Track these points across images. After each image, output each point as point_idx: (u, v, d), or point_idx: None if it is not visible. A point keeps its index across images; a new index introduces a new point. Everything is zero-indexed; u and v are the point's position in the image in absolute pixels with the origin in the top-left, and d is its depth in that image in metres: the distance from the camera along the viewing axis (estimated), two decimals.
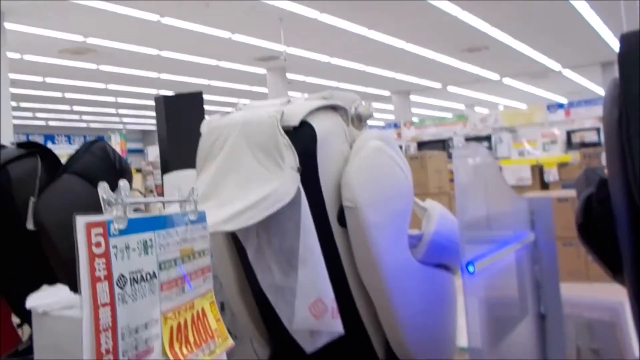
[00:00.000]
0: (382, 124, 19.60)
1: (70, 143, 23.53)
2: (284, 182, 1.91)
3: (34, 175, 2.95)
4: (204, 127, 2.19)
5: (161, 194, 8.47)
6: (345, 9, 9.60)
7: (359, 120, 2.24)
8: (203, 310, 1.04)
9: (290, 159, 1.94)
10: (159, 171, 8.68)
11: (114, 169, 3.08)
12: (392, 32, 11.45)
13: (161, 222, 0.98)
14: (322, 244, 1.94)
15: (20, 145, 3.06)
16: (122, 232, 0.88)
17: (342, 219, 2.05)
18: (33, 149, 3.01)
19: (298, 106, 2.07)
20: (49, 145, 19.99)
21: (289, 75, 14.36)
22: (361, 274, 2.04)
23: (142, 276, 0.87)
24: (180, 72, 14.33)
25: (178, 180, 2.57)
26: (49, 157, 3.06)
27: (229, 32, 10.83)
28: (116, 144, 14.54)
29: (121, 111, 20.24)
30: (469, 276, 1.45)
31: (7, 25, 9.42)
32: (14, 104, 9.92)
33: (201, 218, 1.10)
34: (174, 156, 2.79)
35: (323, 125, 2.04)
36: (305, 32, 10.83)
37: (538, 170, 8.92)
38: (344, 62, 13.86)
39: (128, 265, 0.86)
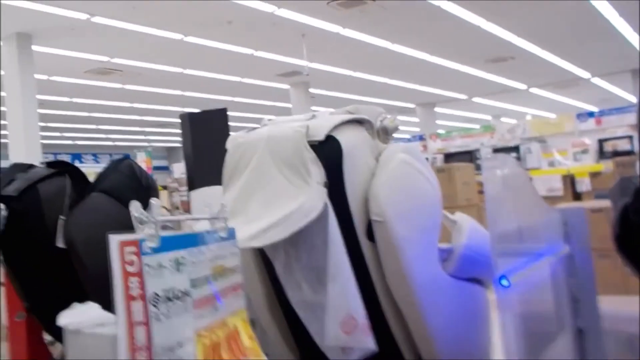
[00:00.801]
0: (407, 136, 19.55)
1: (97, 161, 23.84)
2: (311, 198, 1.89)
3: (63, 194, 2.98)
4: (230, 144, 2.19)
5: (187, 210, 8.53)
6: (367, 23, 9.62)
7: (385, 134, 2.22)
8: (236, 328, 1.03)
9: (317, 173, 1.93)
10: (184, 188, 8.75)
11: (141, 187, 3.09)
12: (416, 45, 11.43)
13: (193, 240, 0.97)
14: (350, 259, 1.92)
15: (49, 164, 3.10)
16: (155, 251, 0.87)
17: (370, 233, 2.03)
18: (62, 168, 3.05)
19: (323, 121, 2.06)
20: (77, 163, 20.23)
21: (312, 90, 14.40)
22: (392, 288, 2.01)
23: (175, 294, 0.86)
24: (204, 90, 14.45)
25: (205, 197, 2.56)
26: (78, 176, 3.09)
27: (251, 49, 10.90)
28: (142, 161, 14.68)
29: (146, 129, 20.45)
30: (503, 290, 1.42)
31: (35, 48, 9.59)
32: (42, 124, 10.06)
33: (231, 235, 1.09)
34: (200, 173, 2.79)
35: (349, 139, 2.03)
36: (328, 47, 10.86)
37: (569, 181, 8.76)
38: (367, 75, 13.86)
39: (161, 284, 0.85)
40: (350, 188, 2.00)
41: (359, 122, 2.12)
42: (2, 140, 10.53)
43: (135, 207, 0.91)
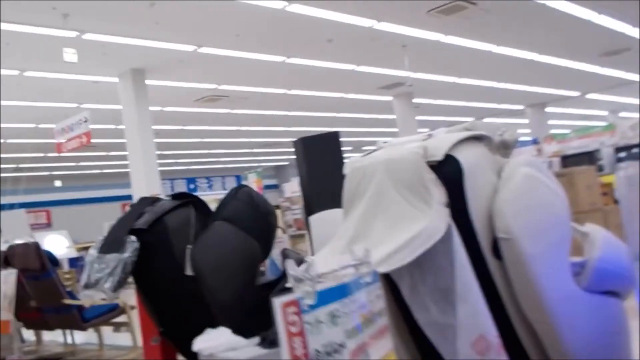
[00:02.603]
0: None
1: (209, 184, 24.76)
2: (434, 219, 1.87)
3: (188, 224, 3.12)
4: (348, 168, 2.21)
5: (300, 228, 8.67)
6: (469, 28, 9.44)
7: (505, 148, 2.17)
8: None
9: (438, 194, 1.91)
10: (296, 206, 8.91)
11: (259, 212, 3.18)
12: (522, 45, 11.09)
13: (344, 291, 0.98)
14: (478, 278, 1.88)
15: (174, 196, 3.25)
16: (312, 307, 0.89)
17: (496, 251, 1.98)
18: (186, 200, 3.19)
19: (440, 140, 2.04)
20: (191, 187, 21.07)
21: (416, 100, 14.29)
22: (523, 307, 1.95)
23: (333, 348, 0.88)
24: (307, 108, 14.69)
25: (324, 222, 2.60)
26: (200, 206, 3.23)
27: (353, 64, 10.98)
28: (253, 182, 15.07)
29: (254, 150, 21.01)
30: None
31: (149, 82, 10.12)
32: (158, 152, 10.59)
33: (375, 279, 1.09)
34: (317, 197, 2.83)
35: (468, 157, 1.99)
36: (430, 55, 10.75)
37: None
38: (472, 80, 13.58)
39: (320, 339, 0.87)
40: (473, 206, 1.96)
41: (477, 138, 2.08)
42: (125, 170, 11.14)
43: (291, 265, 0.92)
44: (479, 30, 9.68)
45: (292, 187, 9.07)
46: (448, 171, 1.96)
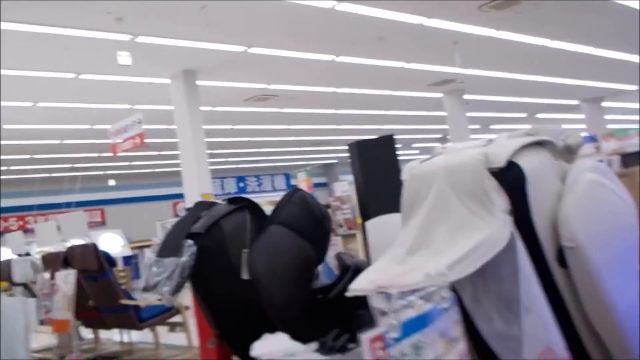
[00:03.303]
0: None
1: (259, 183, 24.96)
2: (497, 228, 1.83)
3: (244, 228, 3.14)
4: (406, 175, 2.17)
5: (351, 227, 8.64)
6: (522, 23, 9.25)
7: (569, 153, 2.10)
8: None
9: (500, 202, 1.87)
10: (346, 206, 8.88)
11: (314, 216, 3.18)
12: (578, 39, 10.81)
13: (425, 320, 0.96)
14: (543, 287, 1.83)
15: (230, 200, 3.28)
16: (396, 340, 0.87)
17: (562, 260, 1.92)
18: (241, 204, 3.21)
19: (502, 146, 1.99)
20: (240, 185, 21.26)
21: (466, 96, 14.09)
22: (592, 319, 1.88)
23: None
24: (357, 106, 14.65)
25: (382, 227, 2.58)
26: (256, 210, 3.24)
27: (402, 62, 10.89)
28: (302, 180, 15.11)
29: (303, 148, 21.09)
30: None
31: (200, 82, 10.25)
32: (209, 151, 10.72)
33: (453, 303, 1.07)
34: (372, 201, 2.80)
35: (531, 163, 1.94)
36: (481, 51, 10.58)
37: None
38: (525, 76, 13.30)
39: None
40: (537, 214, 1.91)
41: (539, 143, 2.02)
42: (177, 169, 11.32)
43: (377, 298, 0.91)
44: (532, 25, 9.47)
45: (342, 187, 9.05)
46: (510, 178, 1.91)
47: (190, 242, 3.03)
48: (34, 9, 6.73)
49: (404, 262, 1.96)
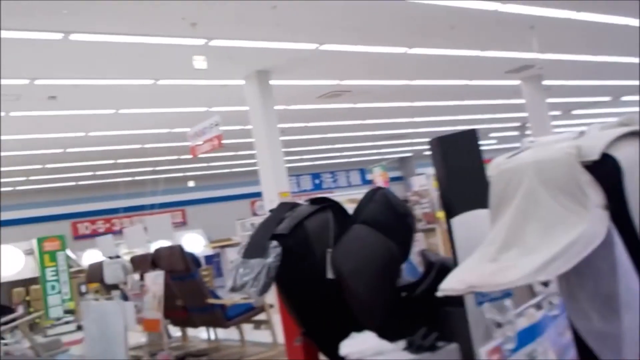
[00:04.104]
0: None
1: (334, 179, 25.04)
2: (592, 223, 1.76)
3: (327, 228, 3.16)
4: (493, 171, 2.12)
5: (430, 222, 8.56)
6: (605, 3, 8.87)
7: None
8: None
9: (595, 197, 1.80)
10: (425, 200, 8.80)
11: (397, 214, 3.16)
12: None
13: (538, 329, 0.94)
14: None
15: (312, 201, 3.30)
16: (513, 351, 0.86)
17: None
18: (324, 204, 3.23)
19: (595, 138, 1.91)
20: (316, 182, 21.41)
21: (546, 82, 13.66)
22: None
23: None
24: (431, 98, 14.47)
25: (468, 224, 2.53)
26: (338, 209, 3.25)
27: (477, 50, 10.67)
28: (378, 175, 15.06)
29: (378, 142, 21.01)
30: None
31: (272, 82, 10.37)
32: (284, 149, 10.84)
33: (562, 310, 1.04)
34: (456, 197, 2.75)
35: (628, 155, 1.85)
36: (560, 34, 10.22)
37: None
38: (609, 57, 12.73)
39: None
40: (635, 208, 1.83)
41: (635, 133, 1.93)
42: (254, 168, 11.50)
43: (489, 309, 0.89)
44: (616, 3, 9.07)
45: (420, 181, 8.96)
46: (605, 171, 1.83)
47: (275, 243, 3.07)
48: (111, 20, 6.98)
49: (495, 260, 1.91)
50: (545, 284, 1.70)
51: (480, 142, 2.87)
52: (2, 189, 18.03)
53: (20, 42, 7.21)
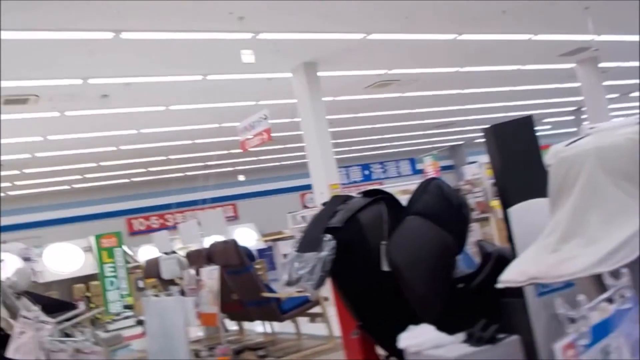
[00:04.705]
0: None
1: (383, 169, 24.90)
2: None
3: (381, 220, 3.14)
4: (552, 159, 2.07)
5: (484, 211, 8.43)
6: None
7: None
8: None
9: None
10: (478, 189, 8.66)
11: (452, 205, 3.11)
12: None
13: (611, 324, 0.91)
14: None
15: (365, 193, 3.29)
16: (587, 347, 0.82)
17: None
18: (377, 196, 3.21)
19: None
20: (365, 173, 21.31)
21: (602, 64, 13.24)
22: None
23: None
24: (481, 85, 14.20)
25: (526, 213, 2.47)
26: (391, 201, 3.22)
27: (529, 34, 10.39)
28: (429, 165, 14.92)
29: (427, 131, 20.76)
30: None
31: (320, 74, 10.34)
32: (333, 141, 10.79)
33: (635, 302, 1.00)
34: (512, 186, 2.69)
35: None
36: (617, 14, 9.86)
37: None
38: None
39: None
40: None
41: None
42: (303, 161, 11.51)
43: (561, 304, 0.86)
44: None
45: (473, 170, 8.82)
46: None
47: (329, 236, 3.06)
48: (160, 17, 7.07)
49: (557, 251, 1.87)
50: (616, 276, 1.64)
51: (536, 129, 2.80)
52: (60, 188, 18.60)
53: (73, 43, 7.38)
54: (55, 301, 7.22)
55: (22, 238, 14.08)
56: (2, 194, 18.05)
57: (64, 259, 10.67)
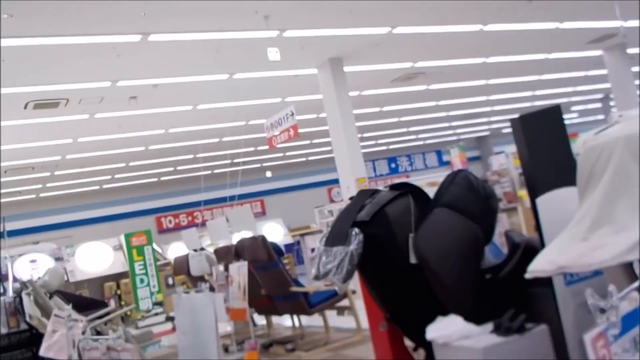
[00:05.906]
0: None
1: (410, 162, 24.80)
2: None
3: (408, 213, 3.14)
4: (581, 148, 2.05)
5: (511, 201, 8.35)
6: None
7: None
8: None
9: None
10: (505, 179, 8.59)
11: (480, 197, 3.10)
12: None
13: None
14: None
15: (392, 187, 3.29)
16: (617, 337, 0.83)
17: None
18: (404, 189, 3.21)
19: None
20: (392, 166, 21.22)
21: (630, 50, 13.02)
22: None
23: None
24: (509, 74, 14.07)
25: (555, 203, 2.46)
26: (418, 194, 3.22)
27: (556, 22, 10.27)
28: (456, 156, 14.80)
29: (454, 123, 20.63)
30: None
31: (346, 68, 10.34)
32: (359, 135, 10.78)
33: None
34: (540, 176, 2.68)
35: None
36: None
37: None
38: None
39: None
40: None
41: None
42: (329, 155, 11.53)
43: (591, 294, 0.87)
44: None
45: (500, 160, 8.74)
46: None
47: (357, 230, 3.08)
48: (186, 18, 7.14)
49: (586, 240, 1.86)
50: None
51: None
52: (90, 188, 18.87)
53: (102, 46, 7.49)
54: (86, 299, 7.36)
55: (53, 238, 14.38)
56: (33, 196, 18.39)
57: (95, 258, 10.83)
